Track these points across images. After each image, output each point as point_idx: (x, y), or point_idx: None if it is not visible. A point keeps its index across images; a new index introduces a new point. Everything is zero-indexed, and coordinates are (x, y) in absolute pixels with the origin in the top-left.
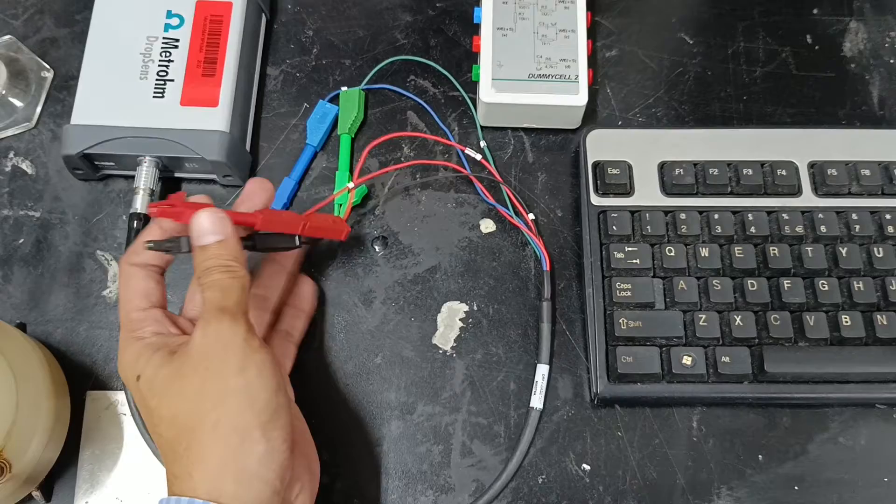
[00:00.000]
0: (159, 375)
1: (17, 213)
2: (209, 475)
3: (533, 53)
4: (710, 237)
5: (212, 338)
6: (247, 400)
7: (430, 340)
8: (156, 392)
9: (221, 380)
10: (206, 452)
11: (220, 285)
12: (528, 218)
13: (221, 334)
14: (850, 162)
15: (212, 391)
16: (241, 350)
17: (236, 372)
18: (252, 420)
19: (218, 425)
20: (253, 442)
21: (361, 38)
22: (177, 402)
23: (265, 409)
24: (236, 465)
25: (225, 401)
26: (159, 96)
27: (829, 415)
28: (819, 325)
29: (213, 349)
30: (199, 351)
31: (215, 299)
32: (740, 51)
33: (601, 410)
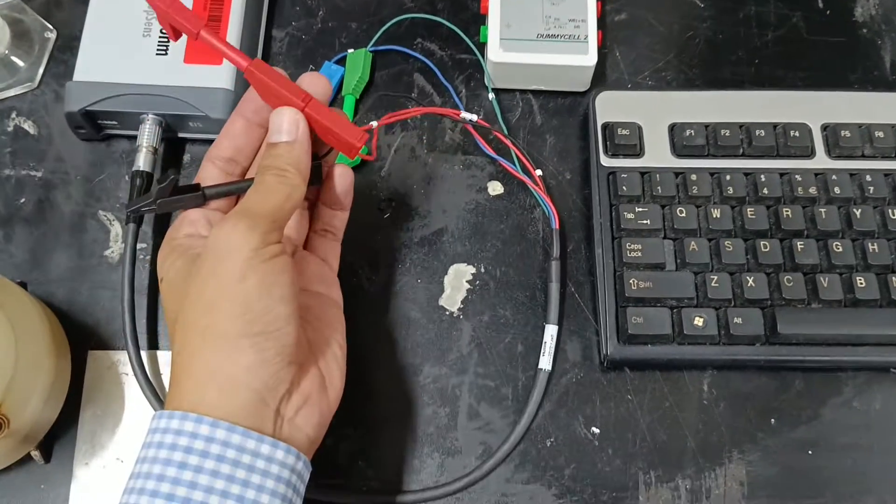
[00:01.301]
0: (179, 276)
1: (20, 172)
2: (195, 382)
3: (542, 13)
4: (722, 198)
5: (222, 241)
6: (240, 308)
7: (436, 302)
8: (173, 292)
9: (219, 285)
10: (193, 358)
11: (265, 187)
12: (535, 174)
13: (231, 239)
14: (863, 124)
15: (207, 295)
16: (246, 258)
17: (236, 279)
18: (242, 329)
19: (206, 331)
20: (240, 351)
21: (368, 0)
22: (181, 304)
23: (259, 320)
24: (222, 373)
25: (217, 306)
26: (162, 53)
27: (842, 379)
28: (833, 286)
29: (218, 253)
30: (207, 252)
31: (249, 201)
32: (751, 14)
33: (611, 373)
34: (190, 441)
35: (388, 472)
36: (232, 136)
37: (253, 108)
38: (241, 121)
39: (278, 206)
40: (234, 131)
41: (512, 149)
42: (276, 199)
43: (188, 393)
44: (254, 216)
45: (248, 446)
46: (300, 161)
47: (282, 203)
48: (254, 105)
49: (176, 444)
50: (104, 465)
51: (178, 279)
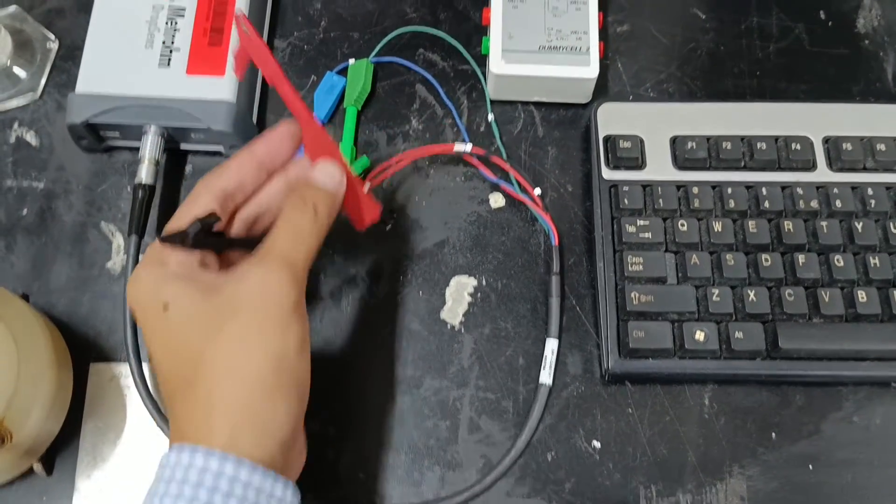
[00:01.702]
0: (194, 309)
1: (21, 183)
2: (229, 425)
3: (544, 25)
4: (724, 212)
5: (269, 290)
6: (279, 362)
7: (438, 315)
8: (188, 326)
9: (263, 337)
10: (229, 402)
11: (299, 230)
12: (533, 193)
13: (279, 288)
14: (865, 137)
15: (249, 345)
16: (290, 311)
17: (280, 332)
18: (280, 381)
19: (247, 379)
20: (274, 403)
21: (370, 10)
22: (209, 342)
23: (293, 375)
24: (256, 421)
25: (259, 358)
26: (165, 65)
27: (843, 393)
28: (834, 300)
29: (265, 303)
30: (251, 298)
31: (286, 246)
32: (753, 26)
33: (612, 387)
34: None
35: (388, 484)
36: (240, 173)
37: (267, 152)
38: (254, 162)
39: (311, 253)
40: (244, 169)
41: (510, 172)
42: (311, 244)
43: (221, 432)
44: (294, 266)
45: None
46: (335, 209)
47: (314, 249)
48: (269, 150)
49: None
50: (106, 477)
51: (199, 313)
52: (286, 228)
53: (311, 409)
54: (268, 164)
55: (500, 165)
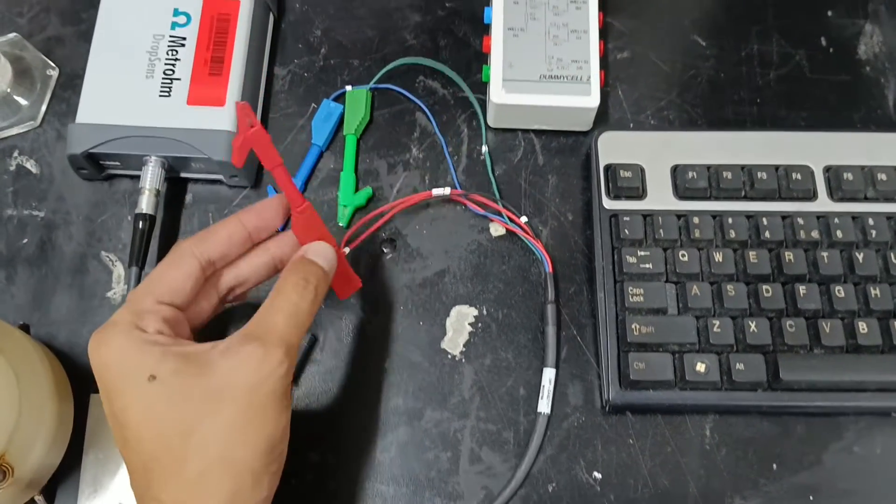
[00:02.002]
0: (181, 383)
1: (21, 212)
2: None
3: (544, 54)
4: (724, 242)
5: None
6: (267, 445)
7: (438, 345)
8: (175, 401)
9: (259, 425)
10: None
11: (293, 308)
12: (519, 221)
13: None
14: (866, 166)
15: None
16: (284, 399)
17: (274, 421)
18: (266, 465)
19: (241, 468)
20: (260, 487)
21: (370, 38)
22: (203, 424)
23: (277, 458)
24: None
25: (254, 445)
26: (166, 95)
27: (843, 424)
28: (835, 332)
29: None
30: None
31: (287, 326)
32: (754, 53)
33: (612, 417)
34: None
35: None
36: (229, 243)
37: (256, 226)
38: (244, 233)
39: (301, 332)
40: (234, 239)
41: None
42: (307, 324)
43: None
44: (291, 348)
45: None
46: (324, 290)
47: (306, 329)
48: (259, 223)
49: None
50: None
51: (191, 389)
52: (287, 309)
53: (311, 440)
54: (255, 236)
55: (482, 202)
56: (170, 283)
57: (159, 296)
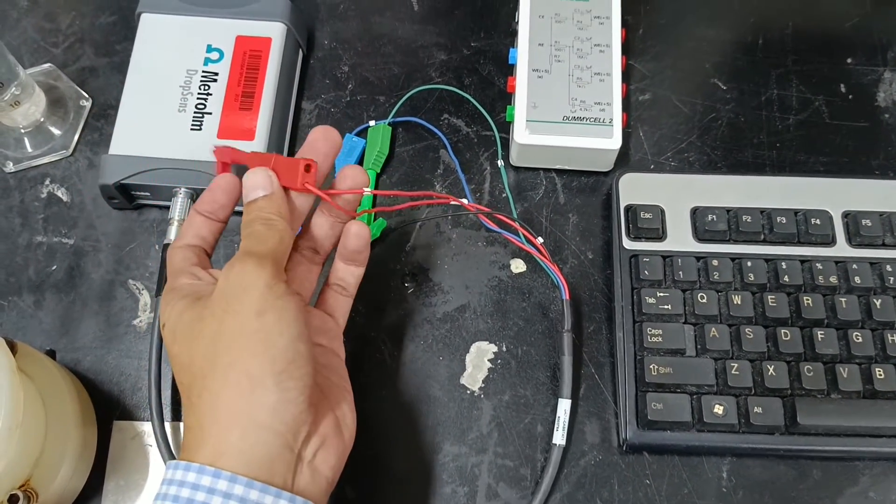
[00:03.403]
0: (182, 321)
1: (52, 239)
2: (217, 427)
3: (568, 96)
4: (743, 285)
5: (234, 279)
6: (261, 345)
7: (458, 380)
8: (176, 338)
9: (237, 322)
10: (216, 400)
11: (256, 235)
12: (537, 242)
13: (244, 276)
14: (884, 213)
15: (227, 333)
16: (261, 293)
17: (254, 315)
18: (266, 367)
19: (229, 370)
20: (265, 390)
21: (396, 74)
22: (193, 346)
23: (281, 357)
24: (246, 416)
25: (238, 344)
26: (197, 129)
27: (859, 468)
28: (852, 377)
29: (232, 290)
30: (220, 292)
31: (247, 246)
32: (773, 98)
33: (629, 457)
34: (207, 497)
35: None
36: (195, 228)
37: (209, 209)
38: (199, 217)
39: (274, 248)
40: (196, 224)
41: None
42: (272, 242)
43: (210, 437)
44: (256, 255)
45: (265, 502)
46: (281, 209)
47: (276, 244)
48: (209, 206)
49: (193, 500)
50: None
51: (183, 321)
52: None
53: None
54: (213, 216)
55: (499, 217)
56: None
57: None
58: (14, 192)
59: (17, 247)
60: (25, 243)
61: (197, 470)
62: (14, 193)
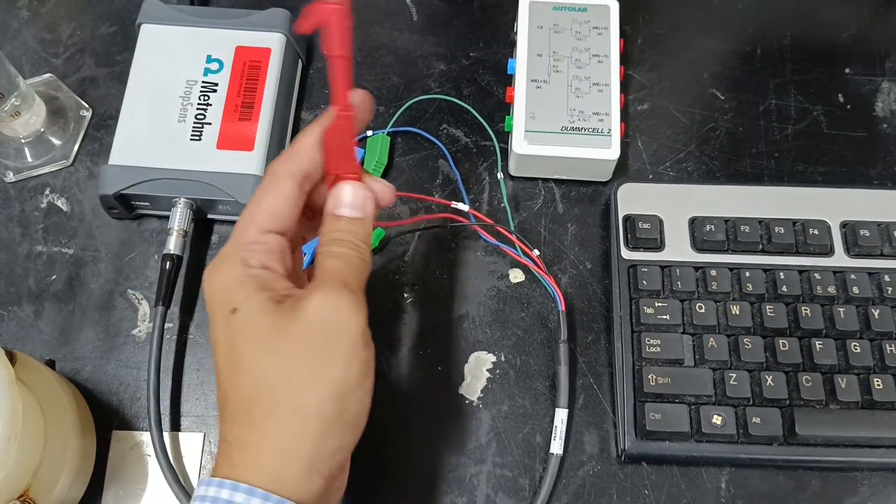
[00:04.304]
0: (260, 321)
1: (51, 249)
2: (280, 457)
3: (566, 106)
4: (741, 295)
5: (331, 315)
6: (339, 393)
7: (456, 390)
8: (251, 338)
9: (325, 364)
10: (285, 432)
11: (346, 260)
12: (532, 254)
13: (341, 316)
14: (882, 223)
15: (312, 370)
16: (355, 342)
17: (343, 363)
18: (335, 415)
19: (306, 409)
20: (327, 438)
21: (395, 84)
22: (269, 360)
23: (350, 409)
24: (308, 456)
25: (322, 387)
26: (196, 139)
27: (858, 479)
28: (851, 387)
29: (329, 328)
30: (314, 323)
31: (339, 271)
32: (772, 108)
33: (628, 467)
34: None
35: None
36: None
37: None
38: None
39: (363, 281)
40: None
41: (506, 234)
42: (360, 273)
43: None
44: (353, 291)
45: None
46: (369, 236)
47: (364, 277)
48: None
49: None
50: None
51: (263, 324)
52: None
53: None
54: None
55: (500, 230)
56: (268, 209)
57: (260, 224)
58: (14, 201)
59: (17, 256)
60: (25, 253)
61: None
62: (14, 203)
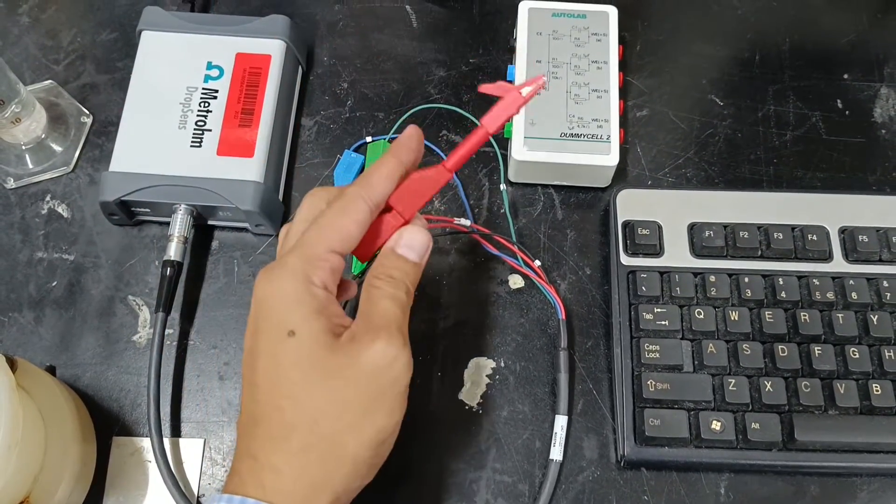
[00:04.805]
0: (318, 353)
1: (52, 255)
2: (312, 489)
3: (566, 113)
4: (740, 300)
5: (390, 364)
6: (379, 441)
7: (456, 396)
8: (306, 368)
9: (373, 411)
10: (321, 467)
11: (402, 305)
12: (534, 265)
13: (398, 368)
14: (881, 228)
15: (360, 415)
16: (403, 394)
17: (389, 413)
18: (372, 459)
19: (345, 450)
20: (359, 477)
21: (395, 91)
22: (322, 396)
23: (383, 448)
24: (336, 492)
25: (365, 434)
26: (196, 145)
27: (857, 484)
28: (849, 393)
29: (386, 379)
30: (373, 370)
31: (398, 318)
32: (770, 114)
33: (627, 473)
34: None
35: None
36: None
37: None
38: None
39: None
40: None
41: (508, 246)
42: (406, 315)
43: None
44: (405, 340)
45: None
46: (416, 283)
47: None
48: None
49: None
50: None
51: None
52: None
53: None
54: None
55: (498, 240)
56: (342, 230)
57: (331, 244)
58: (15, 208)
59: (18, 263)
60: (26, 259)
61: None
62: (15, 210)
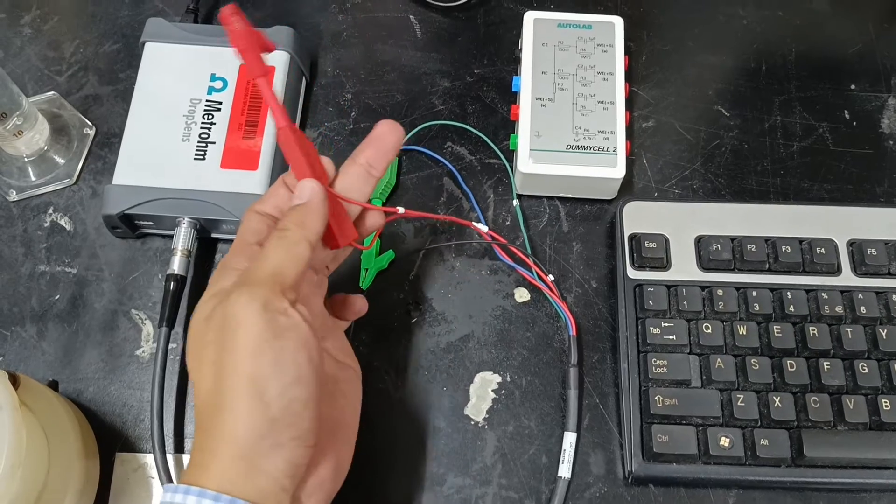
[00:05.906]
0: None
1: (54, 268)
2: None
3: (571, 124)
4: (748, 315)
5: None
6: (255, 390)
7: (461, 411)
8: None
9: (232, 360)
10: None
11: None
12: (547, 279)
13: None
14: (889, 241)
15: (225, 368)
16: (257, 333)
17: (248, 357)
18: (260, 413)
19: (229, 408)
20: (260, 437)
21: (399, 102)
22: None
23: (275, 403)
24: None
25: (235, 383)
26: (200, 158)
27: (866, 501)
28: (859, 408)
29: (228, 324)
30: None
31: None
32: (777, 125)
33: (635, 489)
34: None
35: None
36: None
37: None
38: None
39: (277, 269)
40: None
41: (523, 258)
42: (275, 261)
43: (213, 471)
44: (253, 285)
45: None
46: (305, 218)
47: (281, 264)
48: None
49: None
50: None
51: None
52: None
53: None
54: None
55: (516, 253)
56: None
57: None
58: (17, 221)
59: (20, 276)
60: (28, 273)
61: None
62: (17, 222)
